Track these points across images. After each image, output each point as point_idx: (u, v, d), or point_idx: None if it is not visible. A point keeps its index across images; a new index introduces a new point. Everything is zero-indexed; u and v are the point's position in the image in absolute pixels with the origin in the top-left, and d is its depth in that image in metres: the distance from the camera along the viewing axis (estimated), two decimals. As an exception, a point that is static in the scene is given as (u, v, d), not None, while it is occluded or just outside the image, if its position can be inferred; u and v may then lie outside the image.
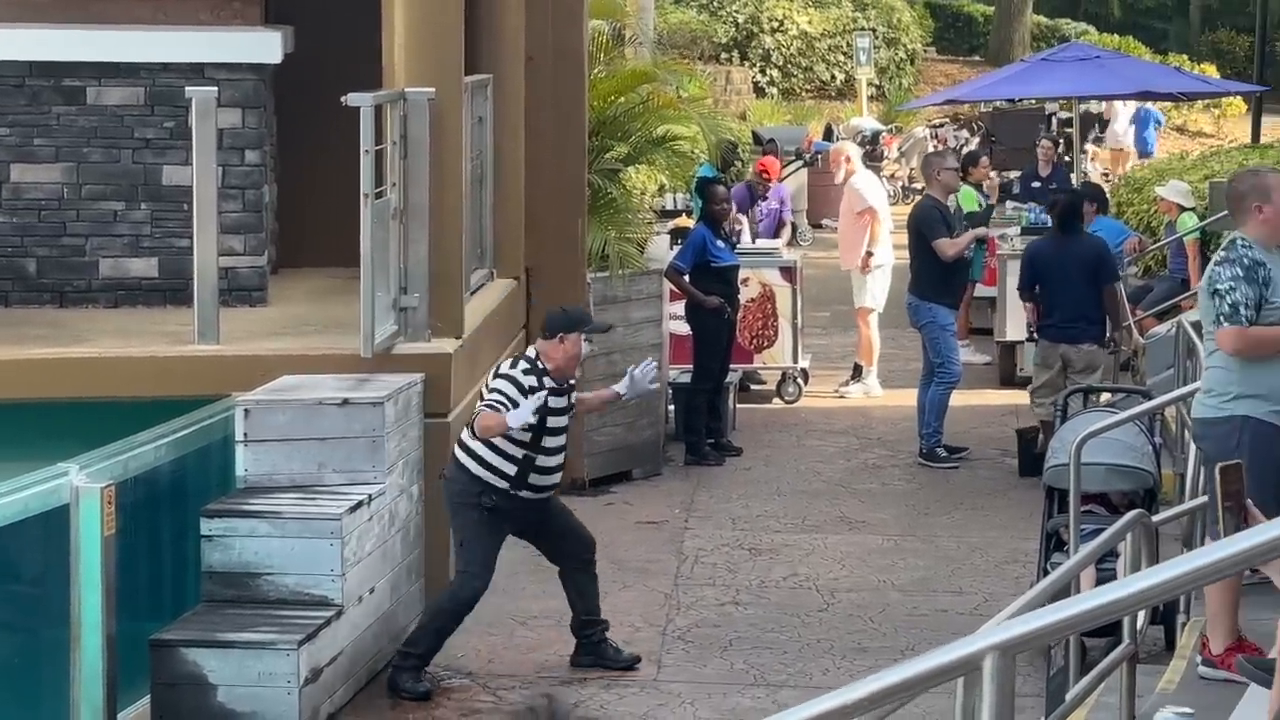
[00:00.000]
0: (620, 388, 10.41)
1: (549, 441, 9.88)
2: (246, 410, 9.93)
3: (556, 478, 10.11)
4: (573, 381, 10.14)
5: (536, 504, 10.02)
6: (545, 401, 9.75)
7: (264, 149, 12.58)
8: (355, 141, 10.44)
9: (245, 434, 9.90)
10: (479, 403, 9.91)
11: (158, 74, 12.24)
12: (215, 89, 11.31)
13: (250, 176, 12.39)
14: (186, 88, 11.22)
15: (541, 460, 9.92)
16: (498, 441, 9.80)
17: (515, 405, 9.70)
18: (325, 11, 13.27)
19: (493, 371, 10.06)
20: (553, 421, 9.88)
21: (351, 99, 10.46)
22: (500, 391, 9.78)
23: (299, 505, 9.66)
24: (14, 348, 10.99)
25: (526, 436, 9.79)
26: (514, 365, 9.94)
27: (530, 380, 9.82)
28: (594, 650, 10.21)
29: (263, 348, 11.00)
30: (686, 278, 14.92)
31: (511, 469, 9.87)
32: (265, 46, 12.39)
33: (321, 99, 11.61)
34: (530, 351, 10.02)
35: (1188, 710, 6.20)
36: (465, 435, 9.96)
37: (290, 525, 9.49)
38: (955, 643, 3.74)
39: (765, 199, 19.91)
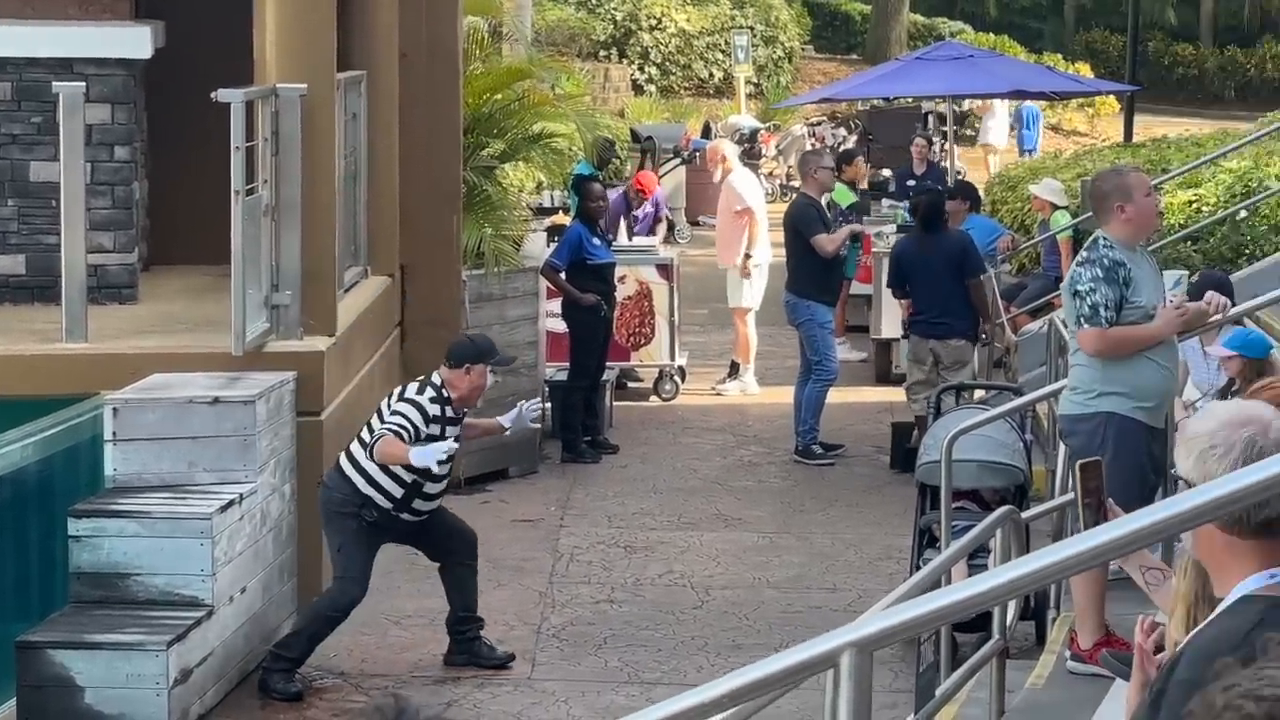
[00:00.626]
0: (506, 420, 10.39)
1: (439, 469, 9.84)
2: (115, 409, 9.82)
3: (438, 503, 10.09)
4: (467, 410, 10.10)
5: (415, 523, 10.00)
6: (452, 449, 9.70)
7: (134, 145, 12.44)
8: (227, 137, 10.35)
9: (114, 433, 9.79)
10: (377, 422, 9.81)
11: (24, 69, 12.07)
12: (83, 84, 11.18)
13: (120, 173, 12.26)
14: (54, 83, 11.08)
15: (429, 487, 9.91)
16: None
17: (418, 432, 9.67)
18: (196, 7, 13.13)
19: (395, 393, 9.97)
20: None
21: (222, 95, 10.36)
22: (405, 417, 9.72)
23: (169, 505, 9.57)
24: (-123, 346, 10.82)
25: None
26: (420, 391, 9.87)
27: (436, 409, 9.78)
28: (468, 649, 10.18)
29: (132, 346, 10.88)
30: (563, 275, 14.89)
31: (399, 491, 9.84)
32: (135, 42, 12.25)
33: (193, 95, 11.47)
34: (435, 379, 9.95)
35: None
36: (356, 450, 9.87)
37: (160, 525, 9.40)
38: (813, 640, 3.73)
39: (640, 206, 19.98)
